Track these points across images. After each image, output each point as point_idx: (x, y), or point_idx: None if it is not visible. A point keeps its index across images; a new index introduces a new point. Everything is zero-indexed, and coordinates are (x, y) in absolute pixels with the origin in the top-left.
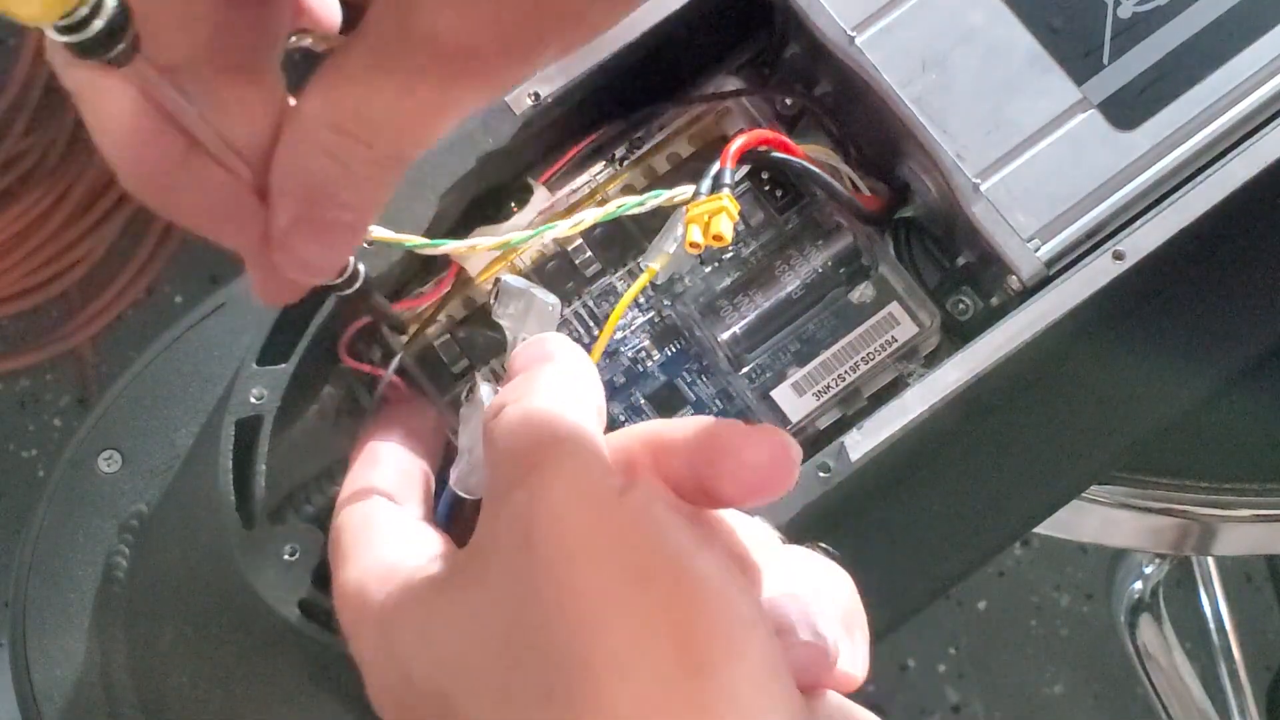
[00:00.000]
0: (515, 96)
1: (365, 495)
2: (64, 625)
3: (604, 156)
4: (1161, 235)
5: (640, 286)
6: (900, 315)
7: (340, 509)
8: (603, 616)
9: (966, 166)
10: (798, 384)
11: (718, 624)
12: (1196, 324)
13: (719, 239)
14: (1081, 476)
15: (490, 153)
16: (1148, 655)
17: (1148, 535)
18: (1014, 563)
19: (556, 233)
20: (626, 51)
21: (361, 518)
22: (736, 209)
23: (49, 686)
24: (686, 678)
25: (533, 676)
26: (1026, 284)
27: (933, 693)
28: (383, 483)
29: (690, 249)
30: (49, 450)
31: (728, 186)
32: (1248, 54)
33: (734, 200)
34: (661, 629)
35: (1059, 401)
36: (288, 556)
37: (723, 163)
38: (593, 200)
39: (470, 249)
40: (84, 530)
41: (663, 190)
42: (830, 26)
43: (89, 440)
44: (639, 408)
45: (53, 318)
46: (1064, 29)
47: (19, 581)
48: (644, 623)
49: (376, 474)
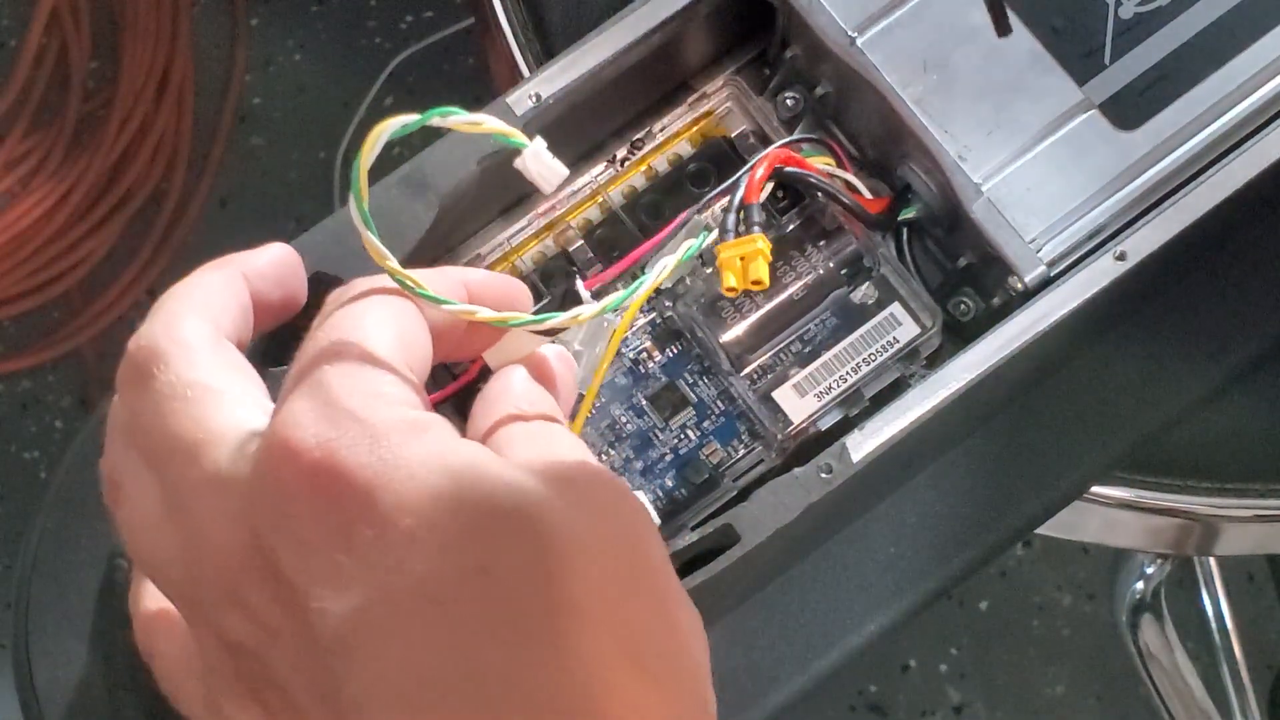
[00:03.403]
0: (516, 97)
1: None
2: (66, 627)
3: (605, 157)
4: (1163, 236)
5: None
6: (902, 316)
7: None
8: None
9: (968, 167)
10: (799, 385)
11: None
12: (1198, 324)
13: (758, 284)
14: (1083, 477)
15: (491, 154)
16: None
17: (1149, 535)
18: (1016, 563)
19: (646, 289)
20: (627, 52)
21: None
22: (769, 248)
23: (51, 688)
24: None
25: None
26: (1028, 285)
27: (934, 693)
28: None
29: (728, 294)
30: (51, 452)
31: (758, 225)
32: (1249, 54)
33: (766, 240)
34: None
35: (1061, 402)
36: None
37: (749, 197)
38: (593, 201)
39: (574, 320)
40: (86, 532)
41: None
42: (831, 27)
43: (91, 441)
44: (640, 409)
45: (54, 319)
46: (1065, 29)
47: (21, 583)
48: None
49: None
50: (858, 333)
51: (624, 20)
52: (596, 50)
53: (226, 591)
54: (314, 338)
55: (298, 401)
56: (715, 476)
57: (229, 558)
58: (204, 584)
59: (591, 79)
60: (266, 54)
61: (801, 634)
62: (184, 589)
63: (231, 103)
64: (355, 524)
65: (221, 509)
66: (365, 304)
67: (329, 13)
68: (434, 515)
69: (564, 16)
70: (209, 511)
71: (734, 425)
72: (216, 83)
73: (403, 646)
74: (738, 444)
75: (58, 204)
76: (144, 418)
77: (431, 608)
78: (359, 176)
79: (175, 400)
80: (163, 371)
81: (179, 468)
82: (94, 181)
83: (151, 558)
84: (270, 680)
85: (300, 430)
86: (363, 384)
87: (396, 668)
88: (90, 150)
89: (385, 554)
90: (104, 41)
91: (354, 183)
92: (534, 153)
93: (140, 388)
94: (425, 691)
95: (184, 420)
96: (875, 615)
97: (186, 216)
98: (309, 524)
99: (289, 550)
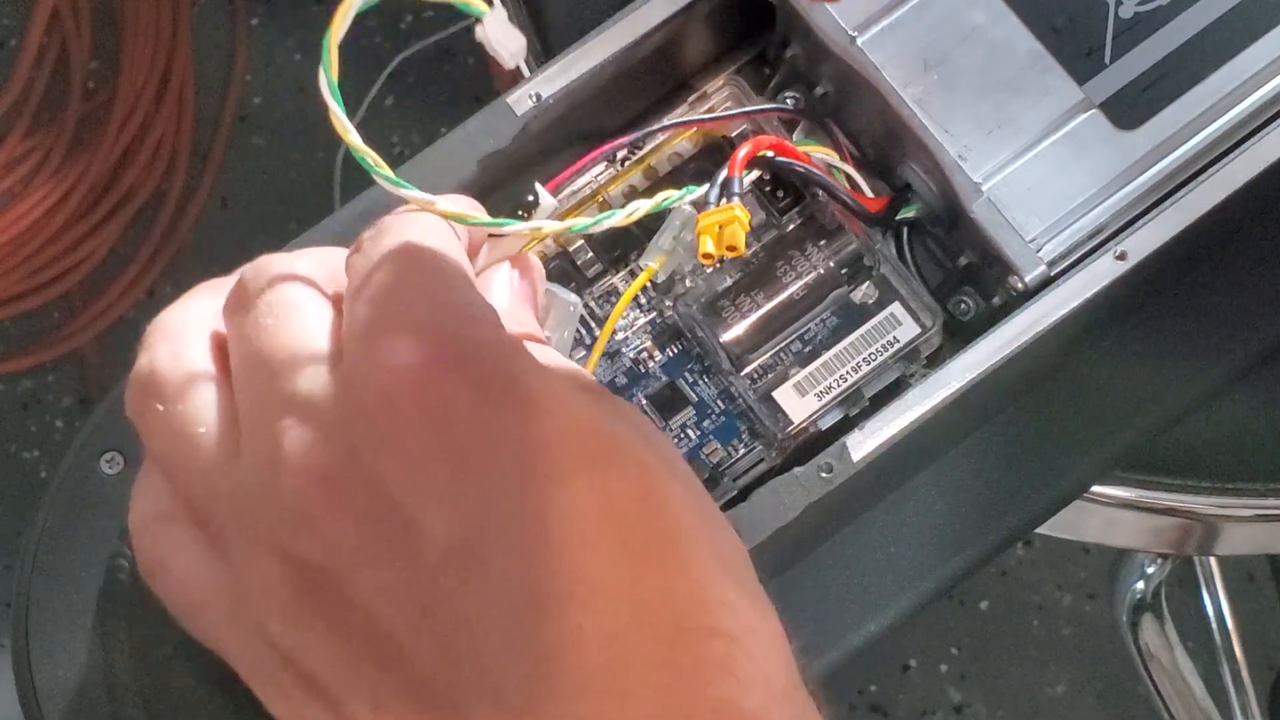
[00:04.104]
0: (516, 97)
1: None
2: (67, 626)
3: (605, 157)
4: (1164, 235)
5: (638, 286)
6: (902, 316)
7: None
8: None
9: (968, 167)
10: (800, 384)
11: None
12: (1198, 324)
13: (733, 249)
14: (1084, 476)
15: (491, 154)
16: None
17: (1150, 535)
18: (1016, 563)
19: (614, 221)
20: (627, 51)
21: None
22: (748, 218)
23: (51, 687)
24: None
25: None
26: (1028, 284)
27: (935, 693)
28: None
29: (704, 260)
30: (51, 451)
31: (737, 195)
32: (1250, 53)
33: (744, 209)
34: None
35: (1061, 401)
36: None
37: (731, 171)
38: (593, 201)
39: (534, 231)
40: (87, 532)
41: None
42: (831, 26)
43: (91, 442)
44: (640, 408)
45: (54, 319)
46: (1065, 28)
47: (21, 583)
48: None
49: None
50: (858, 332)
51: (624, 20)
52: (596, 50)
53: (300, 515)
54: (373, 256)
55: (385, 321)
56: (715, 476)
57: (308, 480)
58: (268, 507)
59: (591, 79)
60: (266, 54)
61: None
62: (236, 509)
63: (231, 103)
64: (464, 443)
65: (303, 431)
66: (411, 220)
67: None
68: (543, 435)
69: (564, 16)
70: (287, 433)
71: (734, 425)
72: (216, 83)
73: (516, 564)
74: (738, 443)
75: (58, 204)
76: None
77: (543, 526)
78: (329, 48)
79: (268, 317)
80: (258, 286)
81: (261, 382)
82: (94, 181)
83: (196, 471)
84: (351, 603)
85: (399, 351)
86: (452, 301)
87: (508, 583)
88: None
89: (496, 471)
90: (104, 41)
91: (324, 53)
92: (494, 20)
93: (238, 311)
94: (536, 606)
95: (273, 337)
96: (875, 615)
97: (186, 216)
98: (416, 442)
99: (393, 468)
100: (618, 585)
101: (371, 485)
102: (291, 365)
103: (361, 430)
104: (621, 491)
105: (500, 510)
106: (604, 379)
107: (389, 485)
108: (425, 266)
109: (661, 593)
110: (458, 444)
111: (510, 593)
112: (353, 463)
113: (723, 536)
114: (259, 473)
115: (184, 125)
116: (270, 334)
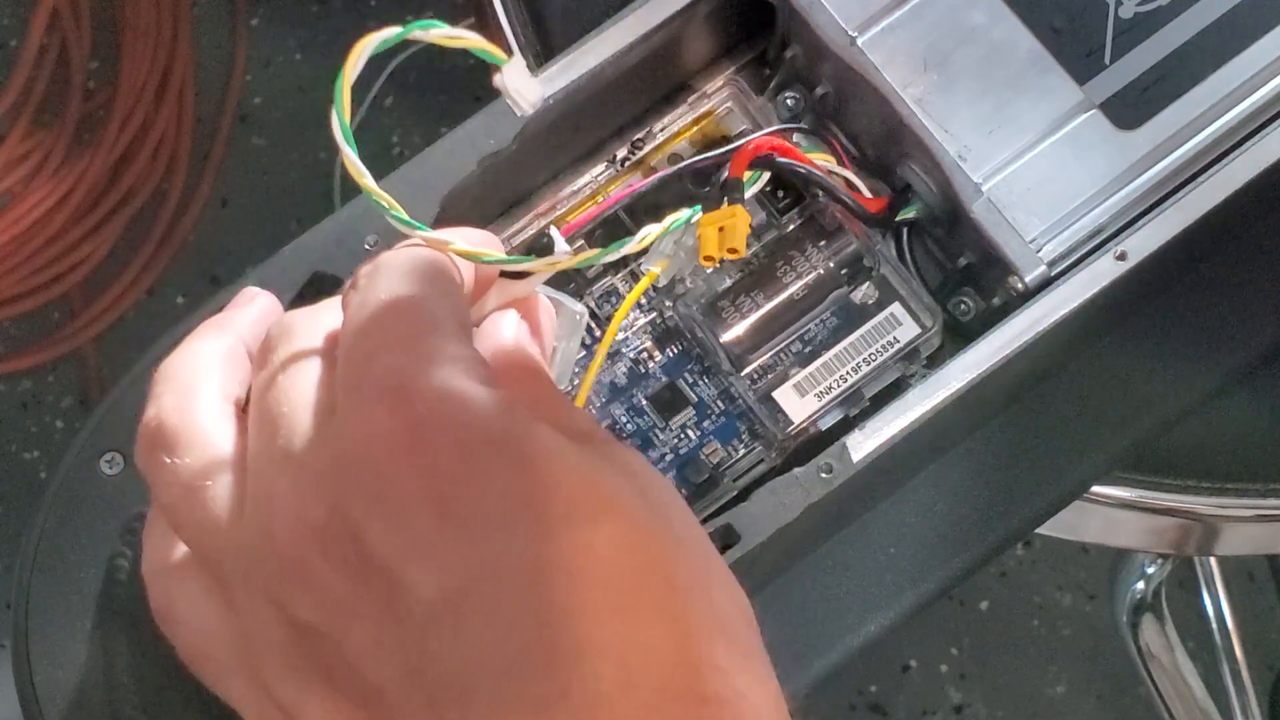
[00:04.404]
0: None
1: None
2: (66, 627)
3: (605, 157)
4: (1163, 236)
5: (639, 292)
6: (902, 316)
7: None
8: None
9: (968, 167)
10: (800, 385)
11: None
12: (1199, 324)
13: (733, 251)
14: (1083, 477)
15: (491, 154)
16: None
17: (1150, 535)
18: (1016, 563)
19: (626, 250)
20: (627, 51)
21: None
22: (748, 220)
23: (51, 688)
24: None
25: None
26: (1028, 285)
27: (935, 693)
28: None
29: (705, 263)
30: (51, 452)
31: (738, 198)
32: (1250, 54)
33: (745, 211)
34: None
35: (1061, 402)
36: None
37: (732, 173)
38: (593, 200)
39: (550, 266)
40: (86, 532)
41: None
42: (831, 27)
43: (91, 442)
44: (640, 409)
45: (54, 319)
46: (1066, 29)
47: (21, 583)
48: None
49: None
50: (858, 333)
51: (624, 20)
52: (596, 50)
53: (294, 570)
54: (366, 302)
55: (372, 374)
56: (715, 476)
57: (300, 535)
58: (267, 561)
59: (592, 79)
60: (266, 54)
61: (801, 634)
62: (238, 563)
63: (231, 103)
64: (449, 499)
65: (296, 486)
66: (408, 262)
67: (329, 13)
68: (530, 490)
69: (564, 16)
70: (281, 487)
71: (734, 425)
72: (216, 83)
73: (503, 621)
74: (738, 444)
75: (58, 204)
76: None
77: (531, 582)
78: (342, 92)
79: (280, 374)
80: (275, 343)
81: (265, 438)
82: (94, 181)
83: (201, 524)
84: (343, 659)
85: (385, 405)
86: (440, 354)
87: (494, 641)
88: (90, 150)
89: (482, 527)
90: (104, 41)
91: (337, 97)
92: (512, 70)
93: (258, 366)
94: (522, 665)
95: (279, 392)
96: (875, 615)
97: (186, 216)
98: (401, 498)
99: (379, 524)
100: (604, 647)
101: (359, 541)
102: (290, 421)
103: (348, 486)
104: (611, 546)
105: (486, 567)
106: (604, 380)
107: (375, 542)
108: (415, 317)
109: (649, 655)
110: (443, 500)
111: (496, 652)
112: (341, 519)
113: (720, 593)
114: (259, 526)
115: (184, 125)
116: (276, 389)
